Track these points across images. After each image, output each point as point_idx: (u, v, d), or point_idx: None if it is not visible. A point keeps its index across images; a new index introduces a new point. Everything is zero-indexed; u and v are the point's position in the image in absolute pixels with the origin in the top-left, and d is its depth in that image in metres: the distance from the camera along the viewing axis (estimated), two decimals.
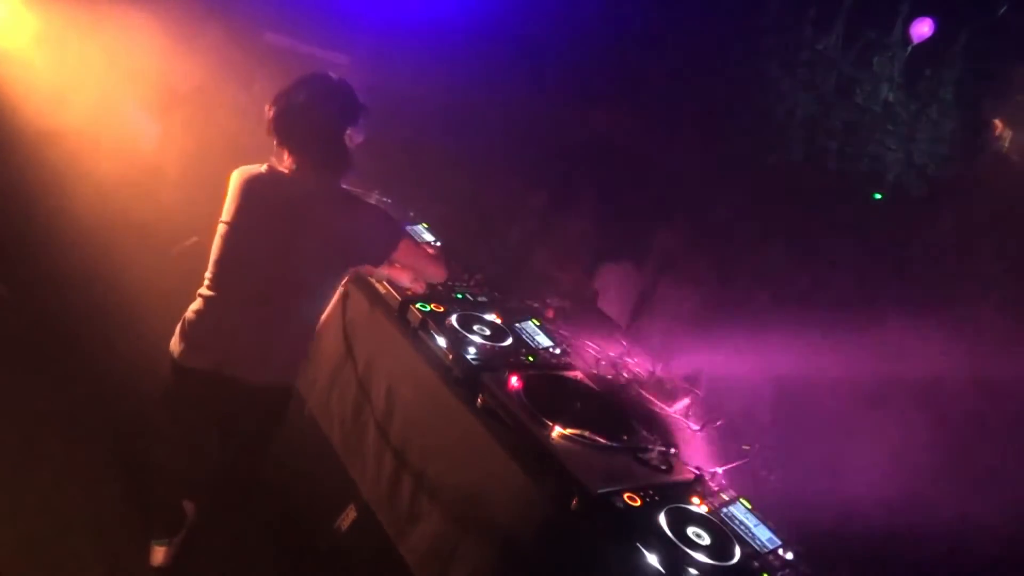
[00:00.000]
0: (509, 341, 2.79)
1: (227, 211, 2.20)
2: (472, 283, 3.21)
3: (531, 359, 2.73)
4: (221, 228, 2.21)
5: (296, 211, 2.14)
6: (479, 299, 3.09)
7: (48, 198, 4.14)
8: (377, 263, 2.44)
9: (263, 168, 2.20)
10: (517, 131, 7.13)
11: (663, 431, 2.55)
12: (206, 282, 2.24)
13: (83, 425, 3.04)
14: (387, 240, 2.29)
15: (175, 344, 2.26)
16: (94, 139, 4.33)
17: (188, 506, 2.65)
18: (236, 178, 2.21)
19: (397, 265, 2.56)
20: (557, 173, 7.05)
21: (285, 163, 2.20)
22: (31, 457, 2.81)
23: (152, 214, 4.20)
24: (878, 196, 5.51)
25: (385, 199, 3.74)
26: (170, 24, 4.52)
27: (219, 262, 2.22)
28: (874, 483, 2.85)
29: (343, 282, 2.79)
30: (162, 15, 4.52)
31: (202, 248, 2.34)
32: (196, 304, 2.26)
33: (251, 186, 2.18)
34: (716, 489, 2.30)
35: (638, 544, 1.93)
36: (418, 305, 2.76)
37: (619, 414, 2.56)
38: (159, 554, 2.51)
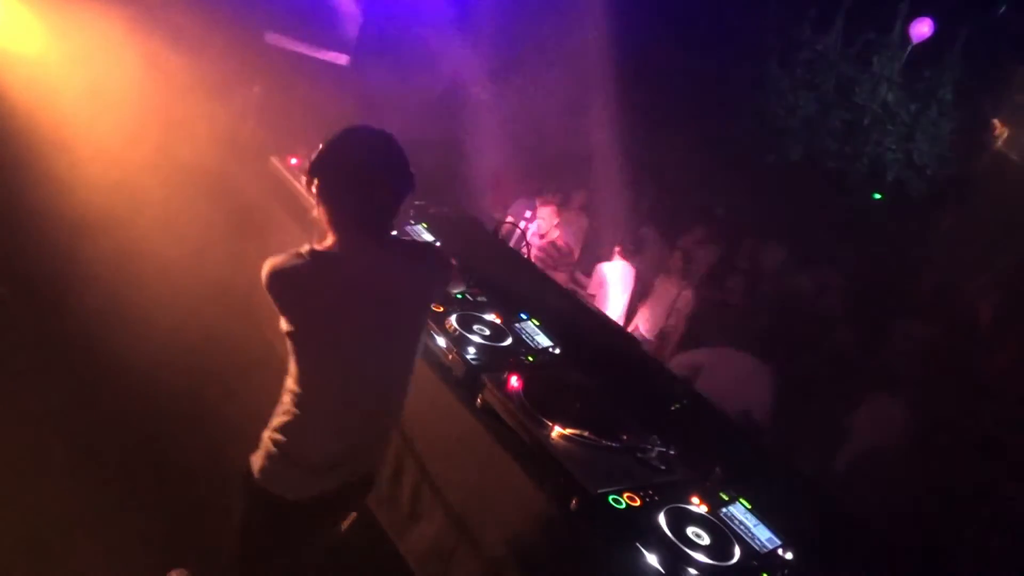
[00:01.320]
0: (509, 341, 2.79)
1: (293, 319, 1.85)
2: (471, 283, 3.21)
3: (531, 359, 2.73)
4: (293, 340, 1.88)
5: (376, 290, 1.91)
6: (479, 299, 3.09)
7: (48, 196, 4.13)
8: (441, 298, 2.32)
9: (305, 253, 1.85)
10: (515, 131, 7.14)
11: None
12: (295, 399, 1.91)
13: (84, 425, 3.04)
14: (450, 272, 2.17)
15: (276, 481, 1.90)
16: (94, 127, 4.31)
17: None
18: (283, 279, 1.82)
19: None
20: (554, 170, 7.08)
21: (320, 222, 1.92)
22: (32, 457, 2.81)
23: (159, 197, 4.13)
24: (878, 196, 5.51)
25: None
26: (170, 24, 4.52)
27: (308, 377, 1.90)
28: None
29: None
30: (162, 15, 4.52)
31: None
32: (292, 430, 1.91)
33: (312, 282, 1.85)
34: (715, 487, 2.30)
35: (638, 544, 1.93)
36: None
37: (619, 413, 2.56)
38: None
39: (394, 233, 2.14)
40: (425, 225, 3.69)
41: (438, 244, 3.54)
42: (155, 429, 3.08)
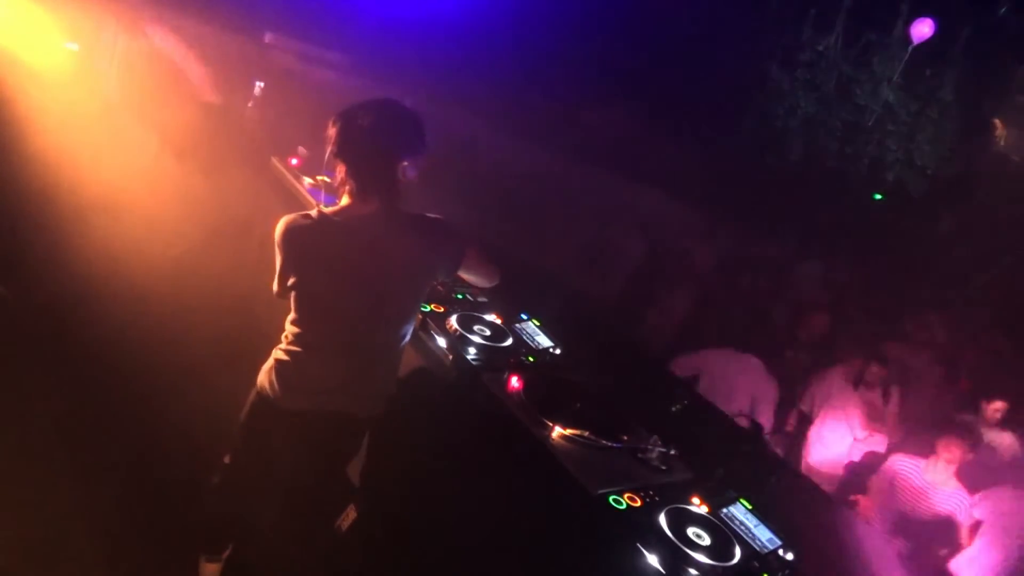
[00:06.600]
0: (509, 341, 2.79)
1: (295, 269, 2.12)
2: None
3: (531, 359, 2.73)
4: (294, 288, 2.14)
5: (372, 250, 2.10)
6: (479, 299, 3.08)
7: (48, 195, 4.13)
8: (451, 274, 2.37)
9: (314, 215, 2.11)
10: (516, 130, 7.13)
11: None
12: (291, 336, 2.20)
13: (83, 425, 3.04)
14: (459, 248, 2.26)
15: (270, 387, 2.21)
16: (94, 127, 4.31)
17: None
18: (291, 233, 2.10)
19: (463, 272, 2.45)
20: (556, 168, 7.08)
21: (336, 184, 2.15)
22: (31, 457, 2.81)
23: (159, 196, 4.13)
24: (878, 196, 5.50)
25: None
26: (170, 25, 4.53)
27: (305, 320, 2.17)
28: None
29: None
30: (163, 17, 4.52)
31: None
32: (287, 354, 2.20)
33: (315, 238, 2.09)
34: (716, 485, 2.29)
35: (638, 544, 1.93)
36: None
37: (619, 414, 2.55)
38: (210, 571, 2.45)
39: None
40: None
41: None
42: (158, 427, 3.08)
